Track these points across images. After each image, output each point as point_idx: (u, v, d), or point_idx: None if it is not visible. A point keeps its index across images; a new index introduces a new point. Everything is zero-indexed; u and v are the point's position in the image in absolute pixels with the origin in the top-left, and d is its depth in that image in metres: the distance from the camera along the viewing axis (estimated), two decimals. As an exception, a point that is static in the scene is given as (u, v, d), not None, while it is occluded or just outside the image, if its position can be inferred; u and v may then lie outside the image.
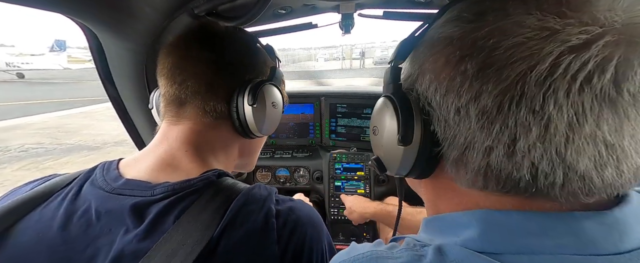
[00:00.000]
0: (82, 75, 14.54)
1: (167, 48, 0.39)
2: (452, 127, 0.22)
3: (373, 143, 0.29)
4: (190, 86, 0.37)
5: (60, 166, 3.26)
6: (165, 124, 0.40)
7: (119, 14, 0.49)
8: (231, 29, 0.43)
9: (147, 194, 0.32)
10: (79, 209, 0.33)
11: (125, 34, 0.54)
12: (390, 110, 0.25)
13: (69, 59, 19.61)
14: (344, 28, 0.73)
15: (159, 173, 0.35)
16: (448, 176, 0.24)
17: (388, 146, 0.26)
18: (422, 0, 0.63)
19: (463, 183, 0.23)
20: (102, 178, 0.35)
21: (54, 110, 6.14)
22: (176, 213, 0.31)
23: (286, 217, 0.33)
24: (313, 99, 1.17)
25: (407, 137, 0.23)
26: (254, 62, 0.42)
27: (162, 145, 0.38)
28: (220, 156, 0.42)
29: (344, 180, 1.08)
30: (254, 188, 0.35)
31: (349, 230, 1.08)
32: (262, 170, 1.17)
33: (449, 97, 0.21)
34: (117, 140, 4.09)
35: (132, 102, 0.69)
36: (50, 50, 19.76)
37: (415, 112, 0.23)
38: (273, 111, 0.42)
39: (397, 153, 0.24)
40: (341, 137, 1.19)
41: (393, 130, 0.24)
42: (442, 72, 0.22)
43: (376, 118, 0.28)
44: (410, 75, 0.26)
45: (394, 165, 0.26)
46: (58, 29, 31.53)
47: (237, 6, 0.59)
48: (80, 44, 21.29)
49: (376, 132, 0.27)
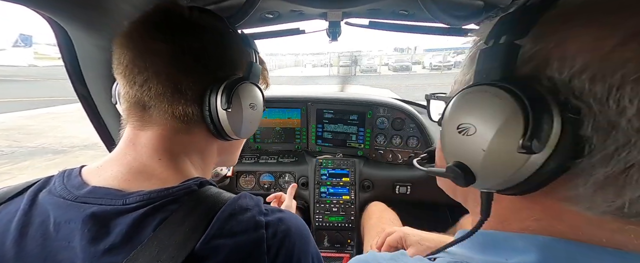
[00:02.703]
0: (49, 73, 13.49)
1: (121, 39, 0.33)
2: (623, 133, 0.16)
3: (453, 146, 0.22)
4: (152, 88, 0.32)
5: (19, 171, 2.97)
6: (130, 128, 0.35)
7: (93, 10, 0.46)
8: (197, 12, 0.35)
9: (118, 203, 0.29)
10: (35, 221, 0.29)
11: (99, 31, 0.50)
12: (506, 104, 0.18)
13: (36, 55, 18.20)
14: (331, 35, 0.74)
15: (130, 182, 0.32)
16: (558, 196, 0.19)
17: (494, 153, 0.19)
18: (406, 13, 0.66)
19: (590, 208, 0.18)
20: (63, 186, 0.31)
21: (15, 110, 5.61)
22: (154, 225, 0.28)
23: (276, 228, 0.32)
24: (300, 104, 1.16)
25: (539, 142, 0.17)
26: (227, 56, 0.37)
27: (129, 152, 0.34)
28: (196, 161, 0.38)
29: (330, 186, 1.07)
30: (240, 198, 0.33)
31: (333, 236, 1.07)
32: (245, 175, 1.14)
33: (628, 90, 0.15)
34: (87, 143, 3.80)
35: (104, 103, 0.64)
36: (14, 46, 18.21)
37: (553, 108, 0.17)
38: (251, 113, 0.39)
39: (510, 164, 0.18)
40: (327, 142, 1.19)
41: (510, 131, 0.18)
42: (618, 53, 0.15)
43: (469, 113, 0.21)
44: (534, 57, 0.19)
45: (495, 177, 0.20)
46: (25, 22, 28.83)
47: (223, 8, 0.58)
48: (50, 40, 19.87)
49: (468, 132, 0.20)
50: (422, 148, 1.08)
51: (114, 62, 0.34)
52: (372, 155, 1.14)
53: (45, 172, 0.35)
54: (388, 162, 1.12)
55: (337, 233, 1.07)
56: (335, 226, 1.06)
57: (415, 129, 1.07)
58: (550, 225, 0.20)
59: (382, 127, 1.11)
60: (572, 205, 0.19)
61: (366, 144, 1.14)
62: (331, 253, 1.04)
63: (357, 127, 1.14)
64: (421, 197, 1.08)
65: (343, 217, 1.05)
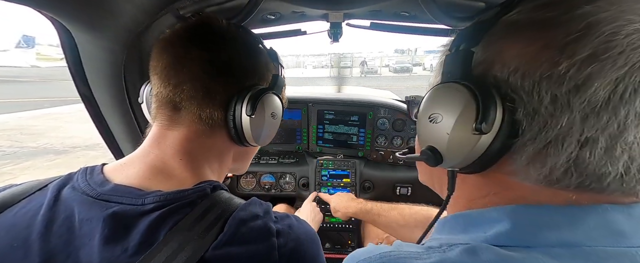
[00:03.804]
0: (51, 74, 13.55)
1: (162, 43, 0.37)
2: (542, 117, 0.20)
3: (425, 133, 0.27)
4: (186, 90, 0.35)
5: (20, 171, 2.98)
6: (158, 127, 0.37)
7: (97, 11, 0.46)
8: (233, 28, 0.39)
9: (138, 202, 0.30)
10: (60, 216, 0.30)
11: (103, 32, 0.51)
12: (463, 96, 0.23)
13: (38, 56, 18.31)
14: (332, 36, 0.74)
15: (150, 180, 0.33)
16: (504, 170, 0.24)
17: (455, 135, 0.24)
18: (407, 14, 0.66)
19: (526, 178, 0.23)
20: (86, 183, 0.32)
21: (17, 111, 5.64)
22: (168, 228, 0.29)
23: (287, 235, 0.32)
24: (301, 104, 1.17)
25: (487, 124, 0.21)
26: (255, 67, 0.40)
27: (153, 150, 0.36)
28: (214, 164, 0.40)
29: (330, 187, 1.07)
30: (251, 205, 0.34)
31: (334, 237, 1.07)
32: (246, 176, 1.14)
33: (544, 85, 0.20)
34: (89, 144, 3.81)
35: (107, 104, 0.65)
36: (17, 47, 18.32)
37: (497, 99, 0.22)
38: (272, 122, 0.41)
39: (467, 143, 0.23)
40: (328, 143, 1.19)
41: (466, 117, 0.23)
42: (538, 57, 0.20)
43: (437, 105, 0.25)
44: (483, 61, 0.24)
45: (457, 156, 0.24)
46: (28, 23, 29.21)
47: (225, 9, 0.59)
48: (52, 41, 20.01)
49: (436, 120, 0.25)
50: (423, 150, 1.08)
51: (152, 64, 0.37)
52: (373, 156, 1.14)
53: (47, 172, 0.35)
54: (389, 163, 1.12)
55: (338, 234, 1.07)
56: (336, 227, 1.06)
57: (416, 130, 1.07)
58: (506, 196, 0.25)
59: (383, 128, 1.11)
60: (515, 177, 0.23)
61: (367, 145, 1.14)
62: (332, 254, 1.04)
63: (358, 128, 1.14)
64: (422, 198, 1.07)
65: (344, 218, 1.05)
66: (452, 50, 0.26)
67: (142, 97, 0.46)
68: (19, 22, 31.83)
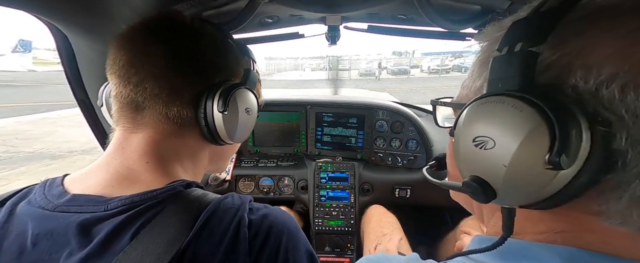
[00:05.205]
0: (48, 78, 13.47)
1: (119, 40, 0.34)
2: None
3: (469, 160, 0.21)
4: (148, 88, 0.32)
5: (16, 176, 2.94)
6: (121, 131, 0.34)
7: (93, 15, 0.46)
8: (198, 22, 0.37)
9: (100, 209, 0.28)
10: (11, 234, 0.28)
11: (100, 36, 0.51)
12: (526, 117, 0.17)
13: (35, 60, 18.22)
14: (330, 39, 0.75)
15: (113, 188, 0.31)
16: (587, 209, 0.18)
17: (517, 169, 0.18)
18: (405, 17, 0.66)
19: (624, 223, 0.17)
20: (43, 197, 0.30)
21: (13, 116, 5.59)
22: (134, 230, 0.27)
23: (259, 225, 0.31)
24: (299, 107, 1.17)
25: (568, 157, 0.15)
26: (224, 62, 0.38)
27: (117, 156, 0.33)
28: (187, 164, 0.38)
29: (329, 190, 1.07)
30: (226, 198, 0.32)
31: (333, 240, 1.06)
32: (244, 179, 1.13)
33: None
34: (86, 148, 3.78)
35: (104, 108, 0.64)
36: (13, 51, 18.24)
37: (581, 120, 0.16)
38: (246, 117, 0.39)
39: (535, 180, 0.17)
40: (327, 146, 1.19)
41: (533, 146, 0.16)
42: None
43: (486, 125, 0.19)
44: (554, 65, 0.18)
45: (519, 194, 0.18)
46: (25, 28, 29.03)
47: (223, 13, 0.59)
48: (49, 45, 19.92)
49: (486, 146, 0.19)
50: (421, 151, 1.08)
51: (109, 63, 0.34)
52: (372, 158, 1.14)
53: (43, 177, 0.35)
54: (387, 165, 1.12)
55: (337, 237, 1.06)
56: (335, 230, 1.05)
57: (415, 132, 1.08)
58: (577, 237, 0.19)
59: (382, 130, 1.11)
60: (603, 220, 0.18)
61: (366, 147, 1.14)
62: (331, 257, 1.03)
63: (357, 130, 1.14)
64: (421, 200, 1.07)
65: (343, 221, 1.04)
66: (503, 51, 0.19)
67: (101, 100, 0.43)
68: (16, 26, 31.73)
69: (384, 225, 0.87)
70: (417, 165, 1.08)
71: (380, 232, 0.83)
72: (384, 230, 0.84)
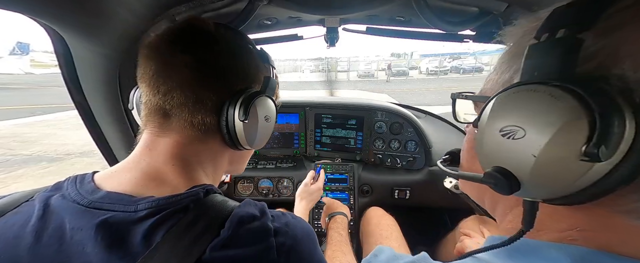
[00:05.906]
0: (45, 81, 13.42)
1: (147, 50, 0.36)
2: None
3: (493, 150, 0.20)
4: (175, 98, 0.34)
5: (13, 179, 2.91)
6: (149, 134, 0.37)
7: (91, 17, 0.46)
8: (221, 30, 0.38)
9: (130, 209, 0.30)
10: (50, 226, 0.29)
11: (97, 38, 0.50)
12: (565, 106, 0.16)
13: (32, 63, 18.16)
14: (329, 41, 0.75)
15: (143, 187, 0.33)
16: (614, 207, 0.18)
17: (548, 159, 0.17)
18: (403, 19, 0.67)
19: None
20: (76, 192, 0.32)
21: (10, 118, 5.55)
22: (161, 235, 0.29)
23: (285, 234, 0.32)
24: (298, 109, 1.17)
25: (607, 149, 0.15)
26: (246, 70, 0.39)
27: (144, 157, 0.35)
28: (208, 169, 0.39)
29: (328, 191, 1.06)
30: (246, 206, 0.33)
31: (333, 243, 1.05)
32: (243, 181, 1.13)
33: None
34: (83, 151, 3.75)
35: (101, 110, 0.64)
36: (10, 54, 18.16)
37: (625, 111, 0.15)
38: (265, 125, 0.41)
39: (567, 172, 0.17)
40: (326, 147, 1.19)
41: (569, 136, 0.16)
42: None
43: (517, 115, 0.18)
44: (600, 54, 0.17)
45: (547, 186, 0.18)
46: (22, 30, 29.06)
47: (222, 15, 0.59)
48: (47, 48, 19.86)
49: (514, 136, 0.18)
50: (420, 152, 1.08)
51: (139, 71, 0.36)
52: (371, 159, 1.14)
53: (40, 180, 0.35)
54: (387, 166, 1.12)
55: (337, 239, 1.05)
56: (335, 232, 1.04)
57: (413, 133, 1.08)
58: (595, 236, 0.19)
59: (381, 132, 1.12)
60: (632, 220, 0.17)
61: (365, 149, 1.14)
62: (331, 259, 1.03)
63: (356, 131, 1.14)
64: (420, 201, 1.07)
65: (342, 223, 1.04)
66: (543, 38, 0.19)
67: (133, 103, 0.46)
68: (14, 29, 31.70)
69: (383, 228, 0.87)
70: (416, 166, 1.08)
71: (379, 235, 0.83)
72: (383, 233, 0.84)
